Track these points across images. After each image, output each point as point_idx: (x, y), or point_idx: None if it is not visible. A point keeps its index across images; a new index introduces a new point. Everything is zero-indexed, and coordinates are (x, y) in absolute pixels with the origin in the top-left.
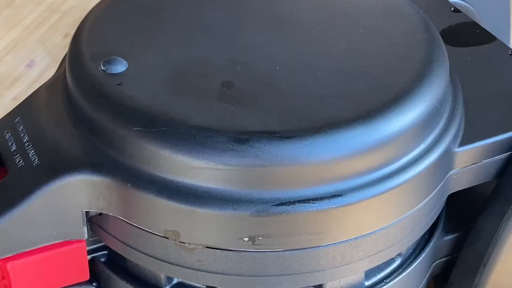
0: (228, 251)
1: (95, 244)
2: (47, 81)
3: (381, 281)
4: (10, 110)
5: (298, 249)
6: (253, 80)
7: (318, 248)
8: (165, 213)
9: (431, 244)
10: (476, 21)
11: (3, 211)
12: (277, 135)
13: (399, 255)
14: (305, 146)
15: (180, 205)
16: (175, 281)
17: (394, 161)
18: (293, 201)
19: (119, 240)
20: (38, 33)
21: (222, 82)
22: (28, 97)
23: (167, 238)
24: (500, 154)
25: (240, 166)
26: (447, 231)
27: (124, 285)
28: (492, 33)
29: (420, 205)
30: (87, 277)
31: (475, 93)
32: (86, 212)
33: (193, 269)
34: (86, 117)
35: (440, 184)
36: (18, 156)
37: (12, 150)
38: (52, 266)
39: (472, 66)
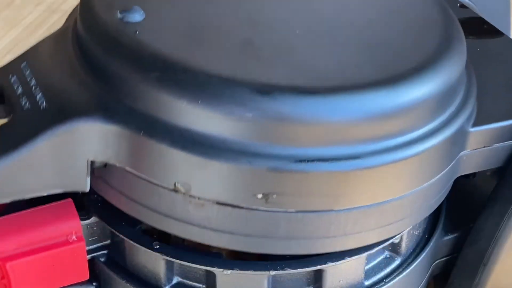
0: (239, 209)
1: (95, 244)
2: (53, 33)
3: (381, 280)
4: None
5: (311, 211)
6: (274, 40)
7: (331, 212)
8: (177, 164)
9: (431, 244)
10: None
11: (6, 153)
12: (301, 90)
13: (399, 254)
14: (328, 104)
15: (194, 156)
16: (174, 281)
17: (413, 129)
18: (311, 159)
19: (123, 195)
20: (38, 33)
21: (243, 38)
22: (34, 45)
23: (176, 191)
24: (511, 140)
25: (261, 118)
26: (447, 231)
27: (124, 285)
28: None
29: (432, 180)
30: (87, 277)
31: (486, 81)
32: (91, 162)
33: (200, 227)
34: (100, 64)
35: (452, 163)
36: (24, 99)
37: (18, 93)
38: (51, 265)
39: (482, 56)
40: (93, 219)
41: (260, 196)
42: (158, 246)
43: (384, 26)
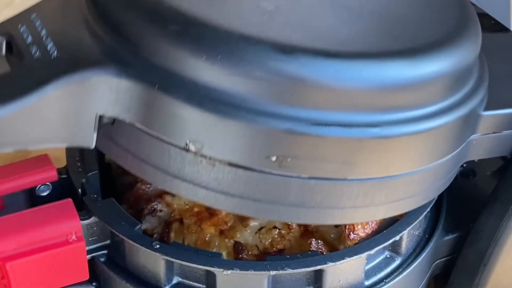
0: (251, 171)
1: (95, 244)
2: None
3: (381, 280)
4: None
5: (324, 178)
6: (297, 5)
7: (344, 181)
8: (191, 121)
9: (431, 244)
10: None
11: (14, 99)
12: (323, 53)
13: (399, 254)
14: (349, 69)
15: (210, 113)
16: (174, 280)
17: (430, 104)
18: (329, 124)
19: (130, 153)
20: None
21: (265, 1)
22: (42, 1)
23: (187, 150)
24: None
25: (280, 78)
26: (447, 231)
27: (124, 285)
28: None
29: (444, 159)
30: (87, 277)
31: (495, 71)
32: (99, 117)
33: (208, 189)
34: (115, 16)
35: (463, 145)
36: (35, 47)
37: (28, 42)
38: (51, 265)
39: (491, 49)
40: (93, 219)
41: (274, 158)
42: (158, 246)
43: (405, 3)
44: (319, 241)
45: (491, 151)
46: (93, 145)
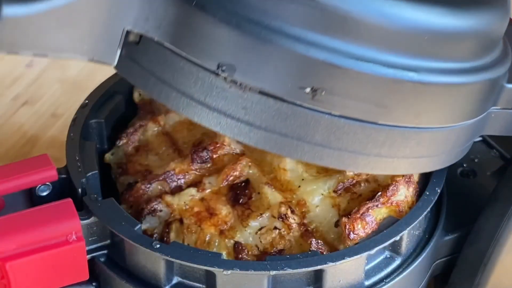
0: (282, 102)
1: (95, 244)
2: None
3: (381, 280)
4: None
5: (355, 119)
6: None
7: (373, 125)
8: (226, 42)
9: (431, 244)
10: None
11: None
12: None
13: (399, 254)
14: (396, 8)
15: (248, 35)
16: (174, 280)
17: (465, 59)
18: (369, 60)
19: (154, 76)
20: None
21: None
22: None
23: (217, 74)
24: None
25: (326, 7)
26: (447, 231)
27: (124, 284)
28: None
29: (467, 122)
30: (87, 277)
31: None
32: (127, 32)
33: (233, 119)
34: None
35: (484, 114)
36: None
37: None
38: (51, 265)
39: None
40: (93, 219)
41: (307, 90)
42: (158, 246)
43: None
44: (319, 241)
45: (507, 129)
46: (114, 63)
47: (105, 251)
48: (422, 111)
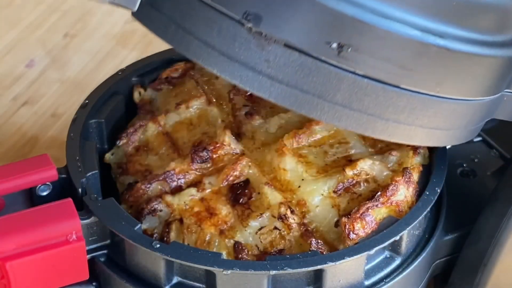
0: (307, 57)
1: (95, 244)
2: None
3: (381, 280)
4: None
5: (378, 80)
6: None
7: (396, 89)
8: None
9: (431, 244)
10: None
11: None
12: None
13: (399, 254)
14: None
15: None
16: (174, 280)
17: (490, 32)
18: (398, 20)
19: (174, 23)
20: (38, 33)
21: None
22: None
23: (242, 24)
24: None
25: None
26: (447, 231)
27: (124, 284)
28: None
29: (484, 99)
30: (87, 277)
31: None
32: None
33: (254, 72)
34: None
35: (498, 95)
36: None
37: None
38: (51, 265)
39: None
40: (93, 218)
41: (334, 45)
42: (158, 246)
43: None
44: (319, 241)
45: None
46: (135, 8)
47: (105, 251)
48: (444, 79)
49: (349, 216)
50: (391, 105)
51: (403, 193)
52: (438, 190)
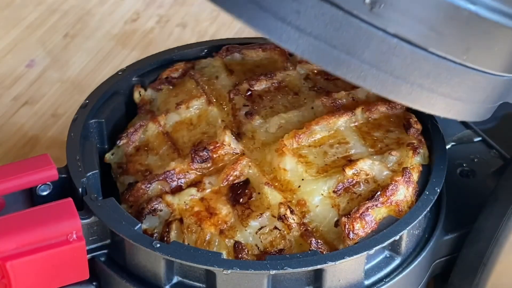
0: (338, 10)
1: (95, 244)
2: None
3: (380, 280)
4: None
5: (407, 41)
6: None
7: (423, 52)
8: None
9: (431, 244)
10: None
11: None
12: None
13: (399, 254)
14: None
15: None
16: (174, 280)
17: None
18: None
19: None
20: (38, 33)
21: None
22: None
23: None
24: None
25: None
26: (447, 231)
27: (124, 284)
28: None
29: (504, 76)
30: (87, 276)
31: None
32: None
33: (283, 22)
34: None
35: None
36: None
37: None
38: (51, 265)
39: None
40: (93, 218)
41: (367, 0)
42: (158, 246)
43: None
44: (319, 241)
45: None
46: None
47: (105, 251)
48: (471, 47)
49: (349, 216)
50: (417, 69)
51: (402, 193)
52: (438, 190)
